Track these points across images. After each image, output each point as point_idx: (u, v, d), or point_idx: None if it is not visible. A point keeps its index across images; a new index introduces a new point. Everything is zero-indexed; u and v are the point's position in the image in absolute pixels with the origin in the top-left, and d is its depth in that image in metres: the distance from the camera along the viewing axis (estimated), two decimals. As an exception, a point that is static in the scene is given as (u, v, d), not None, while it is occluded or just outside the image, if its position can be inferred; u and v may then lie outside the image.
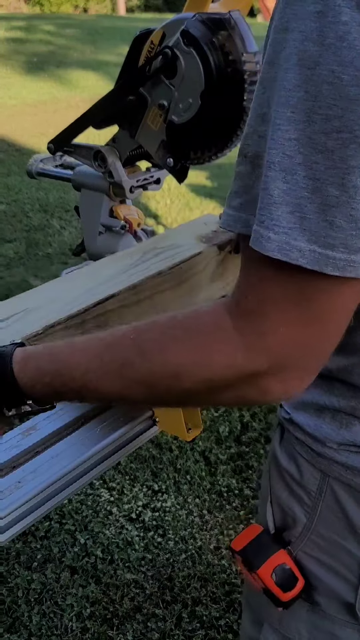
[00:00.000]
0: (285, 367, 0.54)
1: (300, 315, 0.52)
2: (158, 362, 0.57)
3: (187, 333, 0.56)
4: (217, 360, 0.54)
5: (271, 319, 0.52)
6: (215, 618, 1.61)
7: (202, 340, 0.55)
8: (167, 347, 0.57)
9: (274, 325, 0.52)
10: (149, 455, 2.11)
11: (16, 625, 1.58)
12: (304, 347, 0.53)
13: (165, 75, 0.99)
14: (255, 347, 0.53)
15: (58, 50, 10.50)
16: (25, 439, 0.96)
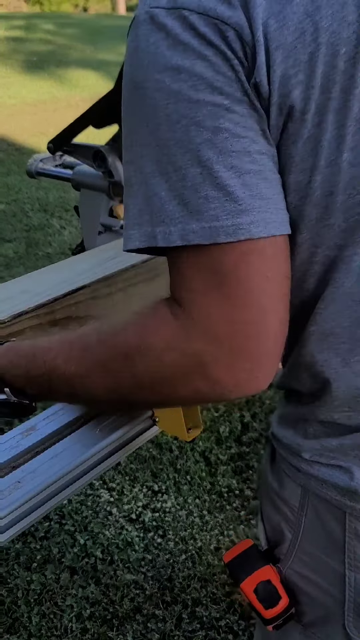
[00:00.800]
0: (230, 351, 0.55)
1: (222, 293, 0.54)
2: (110, 344, 0.62)
3: (135, 320, 0.61)
4: (158, 341, 0.58)
5: (199, 304, 0.55)
6: (216, 619, 1.60)
7: (145, 324, 0.60)
8: (119, 332, 0.62)
9: (204, 309, 0.55)
10: (149, 455, 2.10)
11: (16, 626, 1.57)
12: (238, 325, 0.55)
13: None
14: (192, 330, 0.56)
15: (58, 50, 10.50)
16: (25, 439, 0.96)
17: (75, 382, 0.66)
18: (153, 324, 0.59)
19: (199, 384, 0.57)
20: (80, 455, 0.93)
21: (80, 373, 0.65)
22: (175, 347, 0.57)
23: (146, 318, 0.60)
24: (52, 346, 0.68)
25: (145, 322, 0.60)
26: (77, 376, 0.65)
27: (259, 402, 2.39)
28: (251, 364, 0.56)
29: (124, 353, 0.60)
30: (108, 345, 0.63)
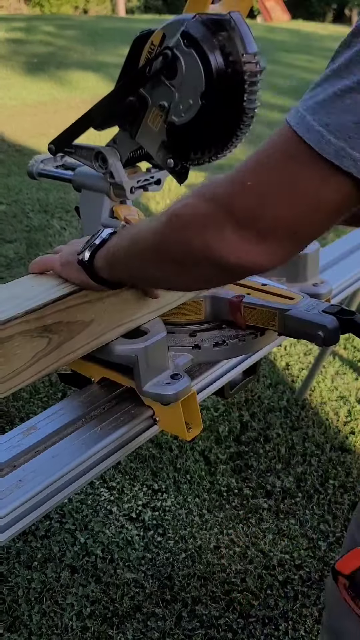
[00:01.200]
0: (246, 224, 0.64)
1: (295, 205, 0.62)
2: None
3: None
4: (186, 206, 0.70)
5: (268, 199, 0.63)
6: (215, 617, 1.61)
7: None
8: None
9: (267, 202, 0.63)
10: (149, 454, 2.11)
11: (16, 624, 1.58)
12: (284, 221, 0.63)
13: (165, 76, 0.99)
14: (225, 195, 0.66)
15: (58, 51, 10.50)
16: (26, 439, 0.96)
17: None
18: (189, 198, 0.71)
19: (211, 237, 0.66)
20: (81, 454, 0.94)
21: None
22: (197, 205, 0.68)
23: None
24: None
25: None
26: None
27: (258, 402, 2.40)
28: (265, 239, 0.64)
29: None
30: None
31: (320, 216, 0.63)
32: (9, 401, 2.33)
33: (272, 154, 0.62)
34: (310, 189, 0.60)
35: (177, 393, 0.96)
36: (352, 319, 1.04)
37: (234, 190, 0.65)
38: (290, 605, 1.65)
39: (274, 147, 0.62)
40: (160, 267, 0.78)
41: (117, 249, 0.84)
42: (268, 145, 0.63)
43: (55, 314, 0.89)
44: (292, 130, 0.60)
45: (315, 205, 0.61)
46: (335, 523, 1.89)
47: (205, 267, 0.71)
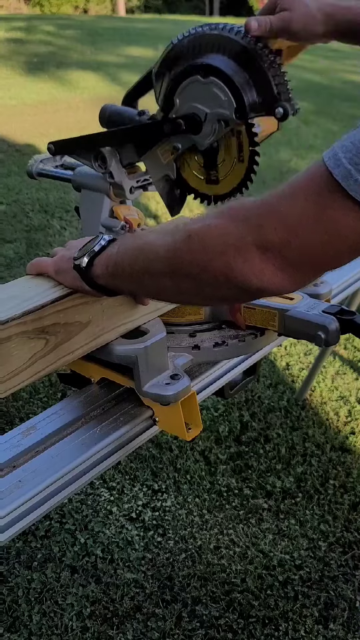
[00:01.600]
0: (273, 249, 0.67)
1: (318, 233, 0.64)
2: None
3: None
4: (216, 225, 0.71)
5: (291, 221, 0.66)
6: (215, 617, 1.61)
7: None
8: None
9: (288, 225, 0.66)
10: (149, 454, 2.11)
11: (16, 625, 1.58)
12: (296, 240, 0.66)
13: (189, 131, 1.00)
14: (254, 219, 0.68)
15: (58, 51, 10.50)
16: (26, 439, 0.96)
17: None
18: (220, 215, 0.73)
19: (234, 258, 0.69)
20: (81, 454, 0.94)
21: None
22: (229, 231, 0.69)
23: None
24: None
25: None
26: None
27: (258, 402, 2.40)
28: (285, 266, 0.68)
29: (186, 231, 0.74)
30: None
31: (344, 250, 0.66)
32: (9, 401, 2.33)
33: (306, 185, 0.65)
34: (337, 223, 0.64)
35: (176, 393, 0.96)
36: (352, 319, 1.04)
37: (267, 214, 0.67)
38: (290, 606, 1.65)
39: (308, 179, 0.66)
40: (173, 282, 0.78)
41: (121, 259, 0.83)
42: (304, 176, 0.66)
43: (52, 315, 0.89)
44: (324, 163, 0.64)
45: (340, 239, 0.65)
46: (335, 523, 1.89)
47: (223, 287, 0.73)
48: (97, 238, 0.88)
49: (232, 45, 0.96)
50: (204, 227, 0.72)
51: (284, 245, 0.66)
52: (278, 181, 4.78)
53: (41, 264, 0.96)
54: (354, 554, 1.80)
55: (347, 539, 1.84)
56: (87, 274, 0.86)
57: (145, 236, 0.81)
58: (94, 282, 0.87)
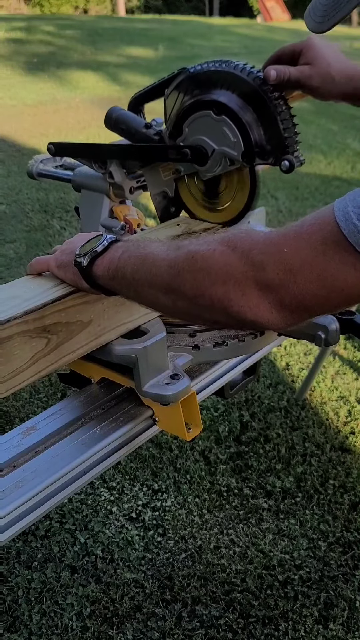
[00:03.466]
0: (271, 289, 0.68)
1: (317, 284, 0.65)
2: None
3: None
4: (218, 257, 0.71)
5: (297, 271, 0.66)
6: (215, 617, 1.61)
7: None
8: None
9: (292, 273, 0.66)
10: (149, 454, 2.11)
11: (16, 625, 1.58)
12: (303, 295, 0.67)
13: (194, 162, 1.01)
14: (258, 260, 0.68)
15: (58, 51, 10.50)
16: (26, 439, 0.96)
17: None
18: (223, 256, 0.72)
19: (233, 291, 0.69)
20: (81, 454, 0.94)
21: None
22: (232, 263, 0.70)
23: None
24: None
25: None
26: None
27: (258, 402, 2.40)
28: (279, 307, 0.68)
29: (190, 255, 0.75)
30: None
31: (341, 301, 0.67)
32: (9, 401, 2.33)
33: (313, 232, 0.66)
34: (341, 277, 0.64)
35: (176, 393, 0.96)
36: (352, 319, 1.04)
37: (271, 254, 0.68)
38: (290, 606, 1.65)
39: (317, 227, 0.66)
40: (169, 299, 0.78)
41: (123, 265, 0.83)
42: (313, 221, 0.67)
43: (54, 314, 0.89)
44: (334, 215, 0.64)
45: (338, 293, 0.65)
46: (335, 523, 1.89)
47: (217, 313, 0.73)
48: (100, 237, 0.88)
49: (246, 88, 0.97)
50: (209, 252, 0.72)
51: (282, 288, 0.67)
52: (277, 181, 4.79)
53: (40, 260, 0.96)
54: (354, 554, 1.80)
55: (347, 539, 1.84)
56: (88, 273, 0.87)
57: (150, 246, 0.81)
58: (94, 282, 0.87)
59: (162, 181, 1.08)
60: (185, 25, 14.85)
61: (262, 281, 0.68)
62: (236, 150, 0.97)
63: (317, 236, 0.65)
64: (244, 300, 0.69)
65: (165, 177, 1.07)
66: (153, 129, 1.08)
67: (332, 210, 0.65)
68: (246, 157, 0.97)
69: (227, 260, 0.70)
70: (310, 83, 1.00)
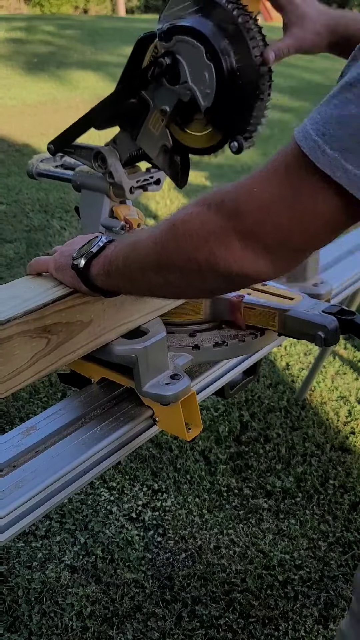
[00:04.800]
0: (250, 233, 0.65)
1: (290, 212, 0.62)
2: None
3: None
4: (194, 212, 0.70)
5: (263, 202, 0.64)
6: (215, 617, 1.61)
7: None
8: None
9: (259, 205, 0.64)
10: (149, 454, 2.11)
11: (16, 625, 1.58)
12: (272, 225, 0.64)
13: (168, 81, 0.99)
14: (231, 209, 0.66)
15: (58, 51, 10.50)
16: (26, 439, 0.96)
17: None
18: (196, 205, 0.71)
19: (216, 246, 0.68)
20: (81, 454, 0.94)
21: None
22: (208, 218, 0.68)
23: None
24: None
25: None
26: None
27: (258, 402, 2.40)
28: (265, 254, 0.66)
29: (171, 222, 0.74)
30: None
31: (319, 229, 0.64)
32: (9, 401, 2.33)
33: (278, 164, 0.64)
34: (307, 199, 0.62)
35: (176, 393, 0.96)
36: (352, 319, 1.04)
37: (241, 199, 0.66)
38: (291, 606, 1.65)
39: (281, 157, 0.64)
40: (161, 276, 0.77)
41: (115, 257, 0.83)
42: (276, 155, 0.65)
43: (54, 314, 0.89)
44: (295, 141, 0.62)
45: (313, 217, 0.62)
46: (335, 523, 1.89)
47: (207, 276, 0.71)
48: (96, 239, 0.88)
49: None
50: (186, 215, 0.71)
51: (260, 230, 0.65)
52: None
53: (40, 261, 0.96)
54: (354, 554, 1.80)
55: (347, 539, 1.84)
56: (84, 275, 0.87)
57: (138, 233, 0.82)
58: (91, 283, 0.87)
59: (157, 137, 1.07)
60: (185, 25, 14.80)
61: (241, 229, 0.66)
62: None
63: (281, 167, 0.63)
64: (228, 253, 0.67)
65: (157, 130, 1.07)
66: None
67: (293, 137, 0.63)
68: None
69: (203, 219, 0.69)
70: (303, 46, 1.01)
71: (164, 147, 1.08)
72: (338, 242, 1.74)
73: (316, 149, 0.59)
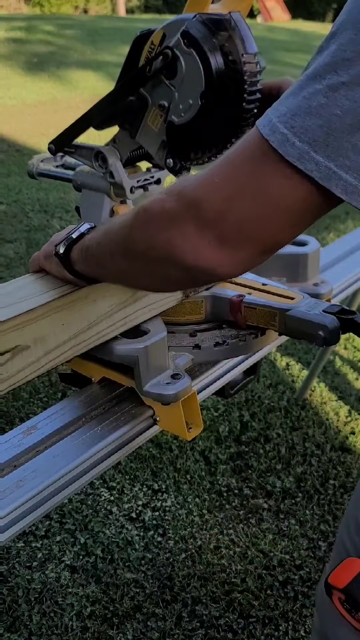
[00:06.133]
0: (209, 223, 0.63)
1: (253, 204, 0.61)
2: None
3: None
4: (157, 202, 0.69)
5: (231, 199, 0.62)
6: (215, 617, 1.61)
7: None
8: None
9: (226, 204, 0.62)
10: (149, 454, 2.11)
11: (16, 625, 1.58)
12: (234, 215, 0.62)
13: (165, 76, 0.99)
14: (195, 194, 0.64)
15: (58, 51, 10.49)
16: (26, 439, 0.96)
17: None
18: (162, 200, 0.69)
19: (174, 234, 0.66)
20: (81, 454, 0.94)
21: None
22: (169, 205, 0.67)
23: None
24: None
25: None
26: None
27: (258, 402, 2.40)
28: (224, 243, 0.63)
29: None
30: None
31: (283, 221, 0.62)
32: (9, 401, 2.33)
33: (240, 154, 0.62)
34: (274, 191, 0.60)
35: (177, 393, 0.96)
36: (353, 319, 1.04)
37: (202, 187, 0.64)
38: (291, 606, 1.65)
39: (243, 148, 0.62)
40: (127, 262, 0.76)
41: (91, 243, 0.84)
42: (238, 146, 0.63)
43: (54, 313, 0.90)
44: (259, 132, 0.60)
45: (277, 209, 0.60)
46: (335, 523, 1.89)
47: (166, 266, 0.69)
48: (78, 225, 0.88)
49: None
50: (151, 202, 0.70)
51: (220, 220, 0.62)
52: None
53: (34, 257, 0.97)
54: (354, 554, 1.80)
55: (347, 539, 1.84)
56: (65, 261, 0.87)
57: (114, 219, 0.81)
58: (72, 269, 0.88)
59: (156, 133, 1.07)
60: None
61: (200, 218, 0.64)
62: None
63: (244, 156, 0.62)
64: (185, 243, 0.65)
65: (157, 126, 1.07)
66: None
67: (256, 128, 0.61)
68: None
69: (165, 206, 0.67)
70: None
71: (164, 143, 1.07)
72: (338, 242, 1.74)
73: (284, 142, 0.58)
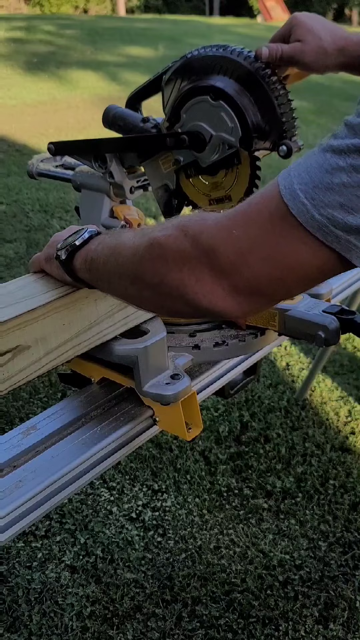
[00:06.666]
0: (224, 273, 0.65)
1: (269, 265, 0.63)
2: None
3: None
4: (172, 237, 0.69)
5: (249, 248, 0.63)
6: (215, 617, 1.61)
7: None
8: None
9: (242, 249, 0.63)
10: (149, 455, 2.11)
11: (16, 625, 1.58)
12: (249, 270, 0.64)
13: (193, 149, 1.01)
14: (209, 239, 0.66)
15: (58, 51, 10.49)
16: (26, 439, 0.96)
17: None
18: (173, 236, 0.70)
19: (187, 276, 0.67)
20: (81, 454, 0.94)
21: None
22: (183, 245, 0.68)
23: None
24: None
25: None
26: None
27: (258, 402, 2.40)
28: (232, 289, 0.66)
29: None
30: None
31: (297, 281, 0.64)
32: (9, 401, 2.33)
33: (261, 211, 0.63)
34: (290, 255, 0.62)
35: (177, 393, 0.96)
36: (352, 319, 1.04)
37: (220, 236, 0.65)
38: (291, 606, 1.65)
39: (264, 205, 0.63)
40: (135, 288, 0.77)
41: (97, 256, 0.83)
42: (259, 200, 0.64)
43: (51, 313, 0.90)
44: (280, 193, 0.61)
45: (293, 271, 0.63)
46: (335, 523, 1.89)
47: (178, 302, 0.71)
48: (81, 230, 0.88)
49: (242, 72, 0.97)
50: (165, 237, 0.70)
51: (235, 271, 0.64)
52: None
53: (35, 258, 0.97)
54: (354, 554, 1.80)
55: (347, 539, 1.84)
56: (67, 267, 0.87)
57: (122, 235, 0.80)
58: (74, 275, 0.88)
59: (162, 174, 1.08)
60: (185, 25, 14.84)
61: (215, 266, 0.65)
62: (234, 135, 0.97)
63: (264, 214, 0.63)
64: (198, 286, 0.67)
65: (165, 169, 1.07)
66: (150, 122, 1.08)
67: (277, 187, 0.62)
68: (244, 142, 0.97)
69: (180, 246, 0.68)
70: (304, 59, 1.00)
71: (166, 187, 1.09)
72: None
73: (304, 212, 0.59)
